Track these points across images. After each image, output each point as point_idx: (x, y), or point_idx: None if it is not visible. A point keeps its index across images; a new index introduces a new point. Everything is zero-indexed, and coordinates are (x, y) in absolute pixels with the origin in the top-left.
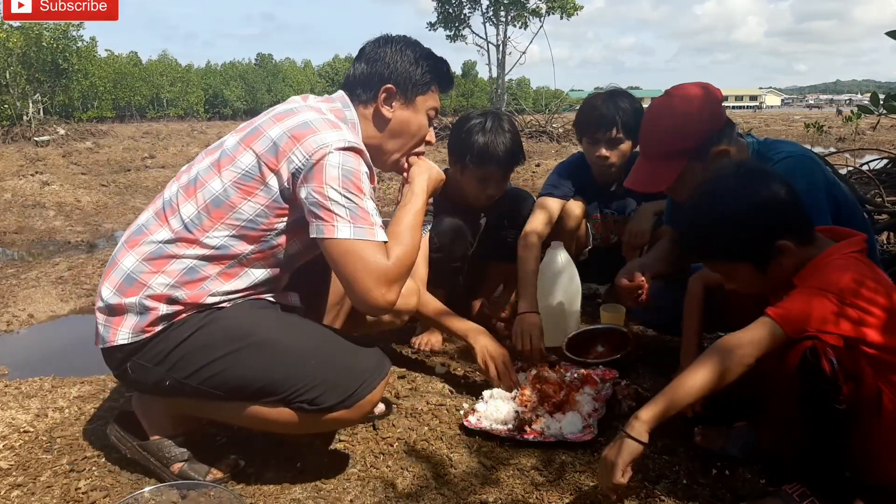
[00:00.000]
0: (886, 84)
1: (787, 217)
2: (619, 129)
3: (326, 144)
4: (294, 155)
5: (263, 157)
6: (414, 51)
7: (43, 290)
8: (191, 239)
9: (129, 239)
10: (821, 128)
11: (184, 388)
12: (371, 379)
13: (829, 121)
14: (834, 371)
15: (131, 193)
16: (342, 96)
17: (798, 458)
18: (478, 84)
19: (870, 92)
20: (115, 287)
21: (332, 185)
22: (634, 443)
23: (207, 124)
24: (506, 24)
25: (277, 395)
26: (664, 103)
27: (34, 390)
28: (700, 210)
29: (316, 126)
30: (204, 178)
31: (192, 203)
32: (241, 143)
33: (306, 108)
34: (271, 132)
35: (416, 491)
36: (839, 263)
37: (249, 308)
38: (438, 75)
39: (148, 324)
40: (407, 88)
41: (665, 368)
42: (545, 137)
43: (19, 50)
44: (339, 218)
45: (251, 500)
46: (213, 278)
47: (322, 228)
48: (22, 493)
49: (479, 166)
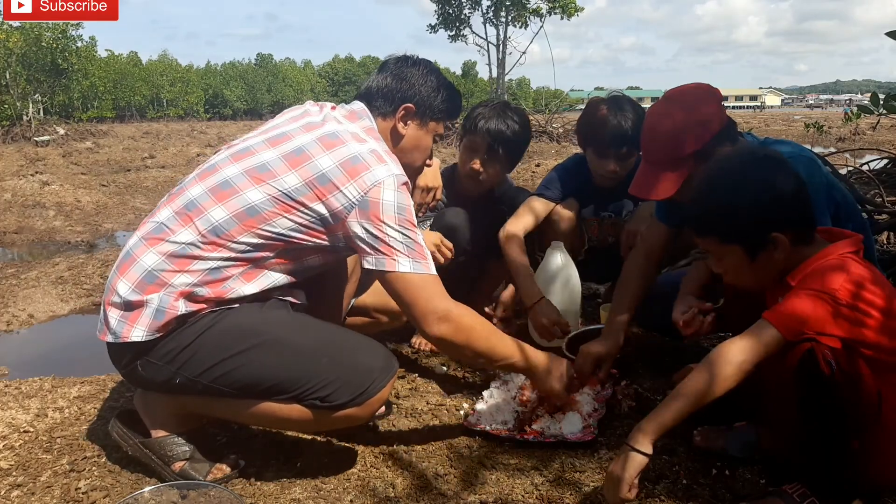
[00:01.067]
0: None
1: (787, 210)
2: (630, 145)
3: (379, 182)
4: (347, 190)
5: (311, 184)
6: (437, 78)
7: (43, 290)
8: (218, 242)
9: (149, 236)
10: (821, 128)
11: (194, 386)
12: (381, 377)
13: (830, 121)
14: (832, 373)
15: (131, 193)
16: (364, 110)
17: (798, 458)
18: (478, 84)
19: (870, 92)
20: (133, 283)
21: (389, 223)
22: (640, 455)
23: (207, 124)
24: (506, 24)
25: (289, 393)
26: (664, 108)
27: (34, 390)
28: (704, 183)
29: (367, 161)
30: (239, 186)
31: (222, 208)
32: (283, 161)
33: (348, 136)
34: (321, 162)
35: (416, 491)
36: (835, 264)
37: (260, 307)
38: (453, 108)
39: (165, 322)
40: (425, 112)
41: (665, 368)
42: (545, 137)
43: (19, 50)
44: (398, 253)
45: (251, 500)
46: (235, 277)
47: (383, 262)
48: (22, 493)
49: (468, 133)
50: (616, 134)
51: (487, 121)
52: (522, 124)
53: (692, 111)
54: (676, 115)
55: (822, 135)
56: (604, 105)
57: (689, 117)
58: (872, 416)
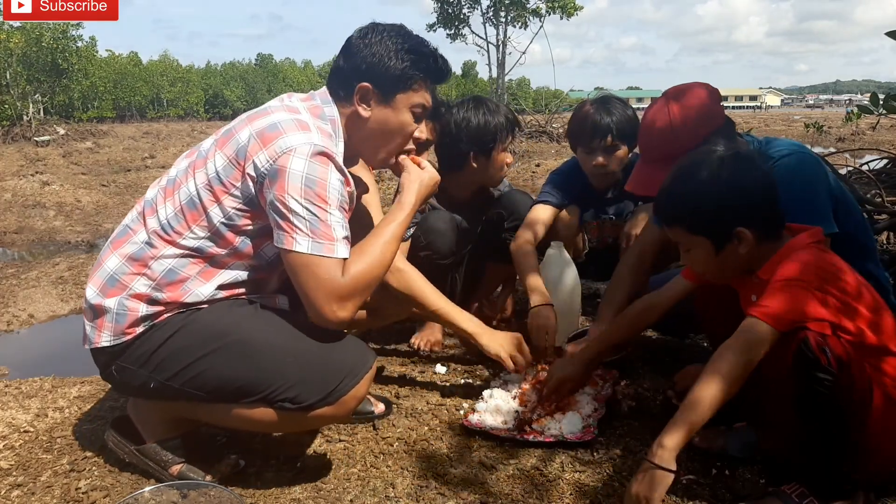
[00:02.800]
0: (886, 84)
1: (754, 207)
2: (614, 137)
3: (290, 148)
4: (258, 158)
5: (233, 161)
6: (395, 41)
7: (43, 290)
8: (168, 239)
9: (115, 240)
10: (821, 128)
11: (167, 391)
12: (353, 374)
13: (829, 121)
14: (828, 360)
15: (131, 193)
16: (323, 92)
17: (796, 456)
18: (478, 84)
19: (870, 92)
20: (98, 288)
21: (293, 196)
22: (666, 473)
23: (207, 124)
24: (505, 24)
25: (257, 395)
26: (661, 107)
27: (34, 390)
28: (676, 174)
29: (284, 128)
30: (181, 180)
31: (170, 204)
32: (214, 144)
33: (281, 109)
34: (241, 134)
35: (416, 491)
36: (805, 253)
37: (228, 307)
38: (424, 69)
39: (127, 326)
40: (383, 85)
41: (665, 368)
42: (545, 137)
43: (20, 50)
44: (298, 230)
45: (251, 500)
46: (193, 278)
47: (282, 239)
48: (22, 492)
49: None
50: (598, 125)
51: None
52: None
53: (688, 110)
54: (673, 113)
55: (822, 135)
56: (589, 104)
57: (685, 116)
58: (865, 404)
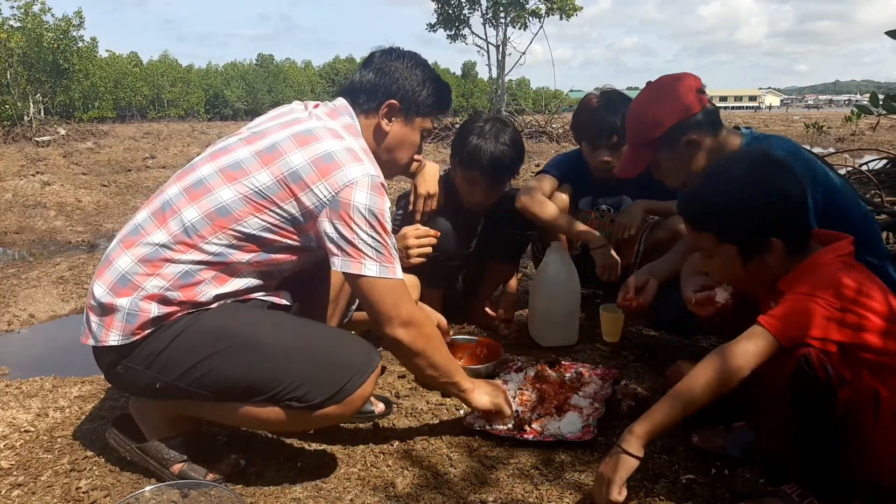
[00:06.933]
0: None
1: (789, 218)
2: (620, 136)
3: (352, 182)
4: (318, 189)
5: (282, 182)
6: (423, 71)
7: (44, 289)
8: (189, 243)
9: (125, 238)
10: (820, 128)
11: (174, 390)
12: (359, 373)
13: (829, 121)
14: (829, 377)
15: (132, 193)
16: (346, 107)
17: (795, 458)
18: (478, 84)
19: (869, 92)
20: (108, 286)
21: (359, 225)
22: (630, 458)
23: (208, 124)
24: (505, 25)
25: (265, 394)
26: (640, 95)
27: (35, 390)
28: (709, 179)
29: (339, 159)
30: (211, 185)
31: (194, 208)
32: (257, 158)
33: (325, 132)
34: (293, 158)
35: (416, 491)
36: (827, 268)
37: (236, 308)
38: (441, 103)
39: (138, 326)
40: (410, 107)
41: (665, 368)
42: (545, 138)
43: (20, 50)
44: (365, 256)
45: (251, 499)
46: (207, 282)
47: (349, 265)
48: (23, 492)
49: (465, 168)
50: (606, 123)
51: (482, 153)
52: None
53: (660, 97)
54: (645, 101)
55: (822, 135)
56: (595, 99)
57: (658, 102)
58: (871, 417)
